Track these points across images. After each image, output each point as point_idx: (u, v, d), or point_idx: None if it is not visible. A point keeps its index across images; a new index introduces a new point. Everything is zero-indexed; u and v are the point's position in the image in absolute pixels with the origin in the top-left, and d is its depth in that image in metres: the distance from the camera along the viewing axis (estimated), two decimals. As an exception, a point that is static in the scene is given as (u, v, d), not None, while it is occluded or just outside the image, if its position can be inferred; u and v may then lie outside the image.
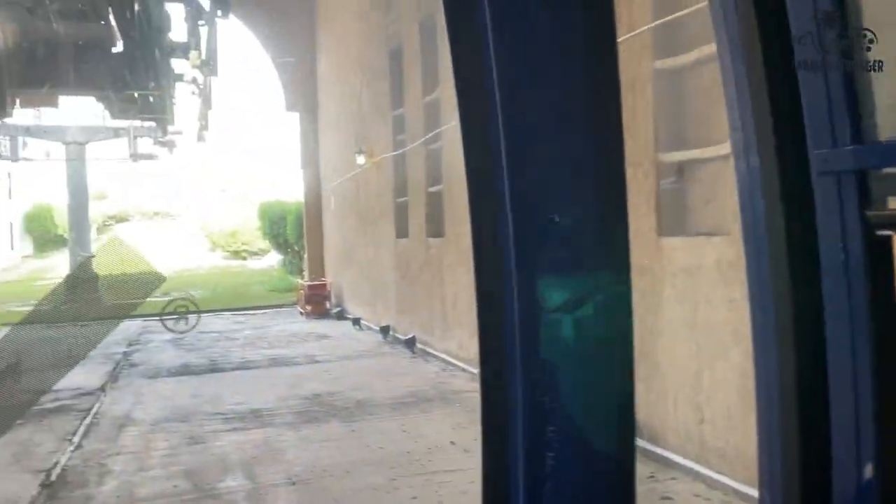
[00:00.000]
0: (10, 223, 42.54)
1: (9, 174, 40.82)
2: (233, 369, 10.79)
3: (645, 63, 5.74)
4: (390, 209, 13.29)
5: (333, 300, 17.99)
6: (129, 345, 13.90)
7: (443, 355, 10.55)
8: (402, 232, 12.77)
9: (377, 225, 14.27)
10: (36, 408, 8.56)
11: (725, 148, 4.66)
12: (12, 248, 42.90)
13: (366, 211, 15.16)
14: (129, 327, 16.95)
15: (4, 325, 12.45)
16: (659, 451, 5.61)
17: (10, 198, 42.26)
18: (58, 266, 32.12)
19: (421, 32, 11.16)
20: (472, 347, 9.53)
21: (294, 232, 24.69)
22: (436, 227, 11.14)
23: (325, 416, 7.71)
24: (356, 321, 15.07)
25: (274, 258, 34.79)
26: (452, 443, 6.53)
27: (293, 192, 33.65)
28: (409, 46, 11.77)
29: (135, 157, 25.03)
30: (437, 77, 10.82)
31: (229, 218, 39.94)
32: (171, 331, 14.13)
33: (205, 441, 7.01)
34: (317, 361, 11.25)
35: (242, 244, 37.96)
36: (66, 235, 27.24)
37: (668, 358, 5.58)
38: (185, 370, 10.85)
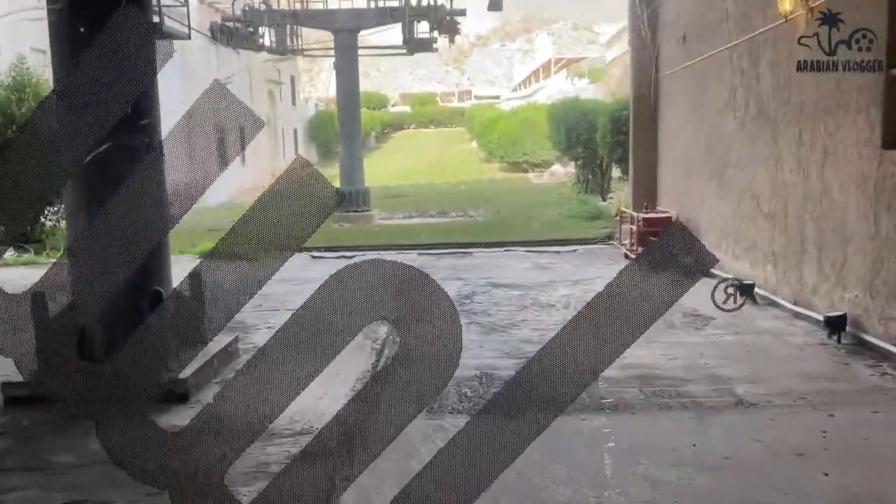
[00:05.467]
0: (295, 130, 42.11)
1: (292, 77, 40.03)
2: (582, 409, 5.36)
3: None
4: (859, 96, 6.83)
5: (681, 243, 12.01)
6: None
7: None
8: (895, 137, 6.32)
9: (812, 126, 7.88)
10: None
11: None
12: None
13: (778, 102, 8.78)
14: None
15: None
16: None
17: (294, 104, 41.66)
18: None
19: None
20: None
21: (606, 140, 18.70)
22: None
23: None
24: (747, 289, 8.95)
25: (561, 173, 29.43)
26: None
27: (598, 88, 27.60)
28: None
29: (410, 46, 20.73)
30: None
31: (510, 123, 34.99)
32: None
33: None
34: (745, 403, 5.49)
35: (524, 154, 32.92)
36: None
37: None
38: (487, 393, 5.78)
